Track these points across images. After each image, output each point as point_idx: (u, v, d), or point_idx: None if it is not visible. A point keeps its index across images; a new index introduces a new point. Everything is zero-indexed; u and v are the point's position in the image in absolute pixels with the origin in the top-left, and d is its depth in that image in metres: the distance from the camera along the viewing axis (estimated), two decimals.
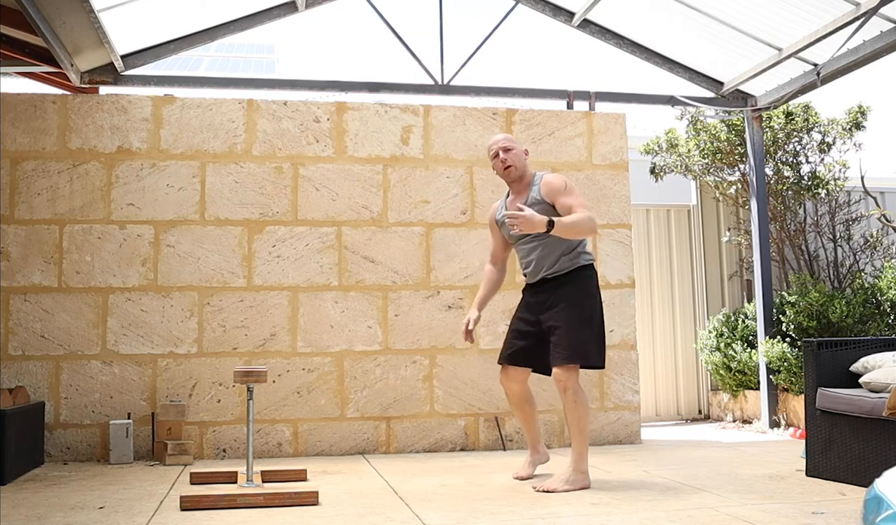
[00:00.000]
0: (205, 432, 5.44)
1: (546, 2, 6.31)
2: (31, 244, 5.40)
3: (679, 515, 3.37)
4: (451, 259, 5.86)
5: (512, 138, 4.37)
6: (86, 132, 5.55)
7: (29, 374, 5.31)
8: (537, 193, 4.19)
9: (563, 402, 4.08)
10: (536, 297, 4.25)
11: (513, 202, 4.27)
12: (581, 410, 4.03)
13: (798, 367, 6.12)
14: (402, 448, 5.65)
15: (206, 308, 5.53)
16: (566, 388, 4.02)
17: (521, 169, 4.31)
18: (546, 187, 4.17)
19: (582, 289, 4.16)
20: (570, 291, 4.14)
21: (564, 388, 4.02)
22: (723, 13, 5.83)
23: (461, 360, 5.79)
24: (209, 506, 3.64)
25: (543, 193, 4.17)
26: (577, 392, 4.03)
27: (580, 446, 4.04)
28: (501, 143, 4.32)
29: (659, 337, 7.60)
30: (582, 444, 4.04)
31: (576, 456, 4.04)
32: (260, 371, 3.99)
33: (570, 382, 4.02)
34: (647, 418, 7.25)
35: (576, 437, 4.05)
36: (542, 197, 4.17)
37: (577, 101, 6.36)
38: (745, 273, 7.65)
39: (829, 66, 5.85)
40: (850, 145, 7.18)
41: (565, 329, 4.06)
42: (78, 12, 4.74)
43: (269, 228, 5.66)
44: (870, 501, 2.03)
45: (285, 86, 6.22)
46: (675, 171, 7.43)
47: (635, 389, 6.01)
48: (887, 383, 3.92)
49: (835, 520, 3.24)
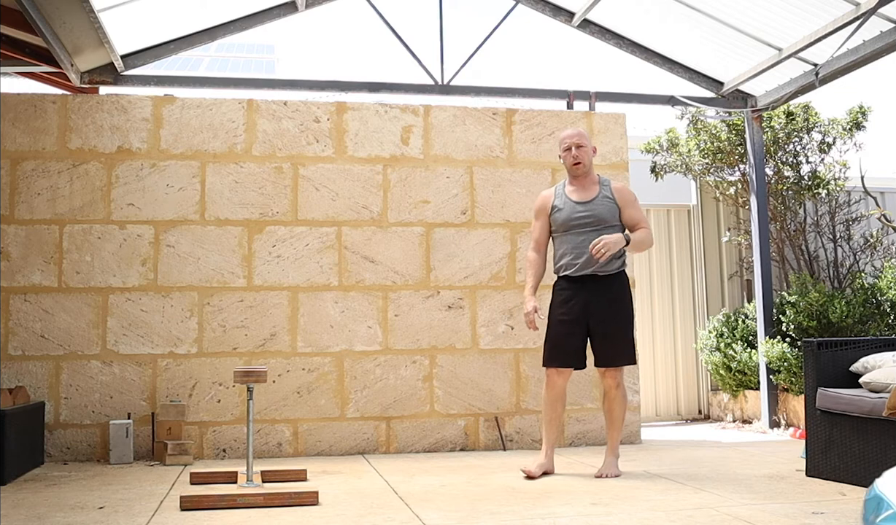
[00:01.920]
0: (205, 432, 5.44)
1: (546, 2, 6.31)
2: (31, 244, 5.40)
3: (679, 515, 3.37)
4: (451, 259, 5.86)
5: (585, 135, 4.61)
6: (86, 132, 5.55)
7: (29, 374, 5.31)
8: (609, 194, 4.54)
9: (612, 397, 4.47)
10: (581, 295, 4.45)
11: (574, 193, 4.56)
12: (626, 403, 4.56)
13: (798, 367, 6.12)
14: (402, 448, 5.65)
15: (206, 308, 5.53)
16: (619, 384, 4.46)
17: (589, 166, 4.60)
18: (620, 194, 4.54)
19: (628, 291, 4.54)
20: (621, 294, 4.49)
21: (618, 384, 4.45)
22: (723, 13, 5.83)
23: (461, 360, 5.79)
24: (209, 506, 3.64)
25: (617, 197, 4.53)
26: (625, 387, 4.54)
27: (620, 435, 4.54)
28: (576, 139, 4.55)
29: (659, 337, 7.60)
30: (621, 433, 4.57)
31: (616, 445, 4.50)
32: (260, 371, 3.99)
33: (622, 379, 4.49)
34: (647, 418, 7.25)
35: (619, 429, 4.51)
36: (613, 198, 4.52)
37: (577, 101, 6.36)
38: (745, 273, 7.65)
39: (828, 66, 5.85)
40: (851, 145, 7.18)
41: (622, 331, 4.47)
42: (78, 12, 4.74)
43: (269, 228, 5.66)
44: (870, 501, 2.03)
45: (285, 86, 6.22)
46: (676, 171, 7.43)
47: (635, 389, 6.01)
48: (887, 383, 3.92)
49: (835, 520, 3.24)
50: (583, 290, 4.43)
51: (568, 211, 4.51)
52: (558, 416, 4.53)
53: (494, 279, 5.87)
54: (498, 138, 6.02)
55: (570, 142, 4.54)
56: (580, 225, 4.47)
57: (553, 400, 4.50)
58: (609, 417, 4.49)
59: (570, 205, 4.52)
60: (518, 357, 5.82)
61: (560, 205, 4.56)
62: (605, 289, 4.42)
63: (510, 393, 5.81)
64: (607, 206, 4.48)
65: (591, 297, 4.41)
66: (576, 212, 4.48)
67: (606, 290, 4.42)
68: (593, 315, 4.41)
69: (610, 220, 4.46)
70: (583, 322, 4.42)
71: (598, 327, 4.41)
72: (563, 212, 4.52)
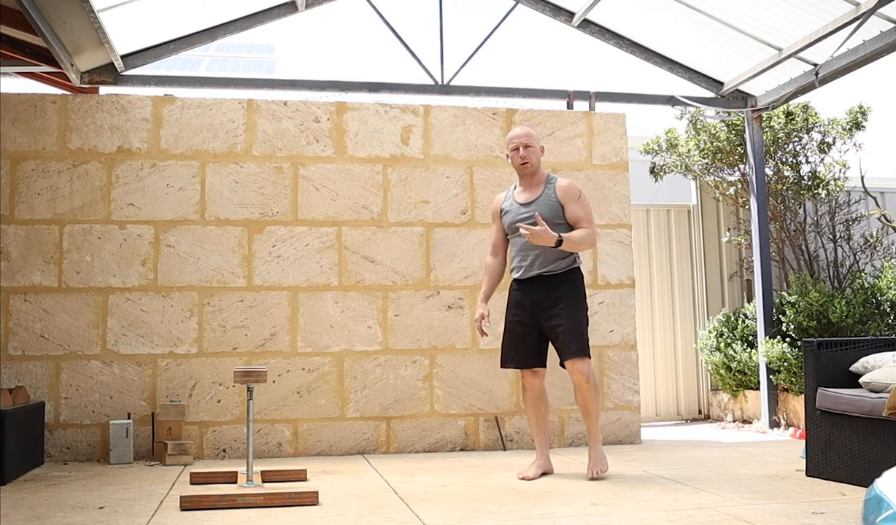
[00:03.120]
0: (205, 432, 5.44)
1: (546, 2, 6.31)
2: (31, 244, 5.40)
3: (679, 515, 3.37)
4: (451, 259, 5.86)
5: (533, 135, 4.56)
6: (86, 132, 5.55)
7: (29, 374, 5.31)
8: (552, 192, 4.47)
9: (583, 390, 4.36)
10: (530, 296, 4.47)
11: (521, 194, 4.55)
12: (598, 394, 4.41)
13: (798, 367, 6.12)
14: (402, 448, 5.65)
15: (206, 308, 5.53)
16: (588, 377, 4.35)
17: (536, 166, 4.55)
18: (563, 191, 4.46)
19: (577, 289, 4.48)
20: (568, 291, 4.44)
21: (587, 377, 4.34)
22: (723, 13, 5.83)
23: (461, 360, 5.79)
24: (209, 506, 3.64)
25: (560, 195, 4.45)
26: (595, 376, 4.40)
27: (597, 425, 4.41)
28: (523, 139, 4.52)
29: (659, 337, 7.60)
30: (598, 427, 4.42)
31: (596, 433, 4.40)
32: (260, 371, 3.99)
33: (589, 371, 4.35)
34: (647, 418, 7.25)
35: (595, 421, 4.39)
36: (557, 198, 4.45)
37: (577, 101, 6.36)
38: (745, 273, 7.65)
39: (828, 66, 5.85)
40: (850, 145, 7.18)
41: (571, 326, 4.37)
42: (78, 12, 4.74)
43: (269, 228, 5.66)
44: (870, 501, 2.03)
45: (285, 86, 6.22)
46: (675, 171, 7.43)
47: (635, 389, 6.01)
48: (887, 383, 3.92)
49: (835, 520, 3.24)
50: (532, 290, 4.45)
51: (513, 213, 4.51)
52: (543, 417, 4.53)
53: None
54: (498, 138, 6.02)
55: (517, 142, 4.51)
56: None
57: (532, 401, 4.51)
58: (584, 410, 4.41)
59: (515, 207, 4.52)
60: None
61: (507, 207, 4.57)
62: (553, 288, 4.40)
63: (510, 393, 5.81)
64: (549, 205, 4.43)
65: (539, 297, 4.42)
66: (520, 213, 4.47)
67: (554, 289, 4.40)
68: (543, 314, 4.41)
69: (552, 219, 4.38)
70: (534, 322, 4.44)
71: (549, 324, 4.39)
72: (509, 214, 4.54)
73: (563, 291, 4.41)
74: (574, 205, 4.43)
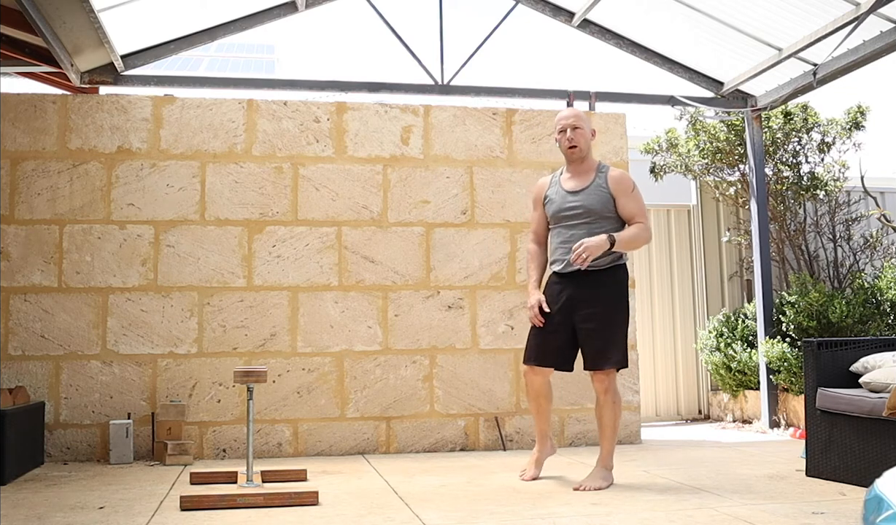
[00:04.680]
0: (205, 432, 5.44)
1: (546, 2, 6.31)
2: (31, 244, 5.40)
3: (679, 515, 3.37)
4: (451, 259, 5.86)
5: (583, 116, 4.23)
6: (86, 132, 5.55)
7: (29, 374, 5.31)
8: (604, 182, 4.14)
9: (601, 403, 4.12)
10: (569, 291, 4.13)
11: (568, 181, 4.24)
12: (618, 411, 4.14)
13: (798, 367, 6.12)
14: (402, 448, 5.65)
15: (206, 308, 5.53)
16: (608, 389, 4.09)
17: (586, 150, 4.21)
18: (615, 182, 4.13)
19: (620, 290, 4.14)
20: (610, 293, 4.11)
21: (607, 389, 4.08)
22: (723, 13, 5.83)
23: (461, 360, 5.79)
24: (209, 506, 3.64)
25: (612, 186, 4.12)
26: (617, 393, 4.14)
27: (612, 446, 4.14)
28: (571, 121, 4.19)
29: (659, 337, 7.60)
30: (613, 444, 4.16)
31: (607, 454, 4.13)
32: (260, 371, 3.99)
33: (612, 384, 4.10)
34: (647, 418, 7.25)
35: (610, 436, 4.13)
36: (608, 187, 4.13)
37: (577, 101, 6.36)
38: (745, 273, 7.65)
39: (828, 66, 5.85)
40: (850, 145, 7.18)
41: (608, 331, 4.07)
42: (78, 12, 4.74)
43: (269, 228, 5.66)
44: (870, 501, 2.03)
45: (285, 86, 6.22)
46: (675, 171, 7.43)
47: (635, 389, 6.01)
48: (887, 383, 3.92)
49: (835, 520, 3.24)
50: (571, 285, 4.11)
51: (559, 201, 4.19)
52: (545, 410, 4.28)
53: (494, 279, 5.87)
54: (498, 138, 6.02)
55: (564, 123, 4.18)
56: (569, 217, 4.15)
57: (535, 397, 4.27)
58: (599, 425, 4.15)
59: (561, 194, 4.19)
60: (518, 357, 5.81)
61: (552, 195, 4.25)
62: (595, 285, 4.07)
63: (510, 393, 5.81)
64: (600, 196, 4.10)
65: (578, 293, 4.08)
66: (566, 202, 4.15)
67: (596, 286, 4.07)
68: (579, 313, 4.08)
69: (601, 211, 4.08)
70: (568, 320, 4.11)
71: (583, 326, 4.07)
72: (554, 203, 4.21)
73: (605, 291, 4.08)
74: (626, 198, 4.09)
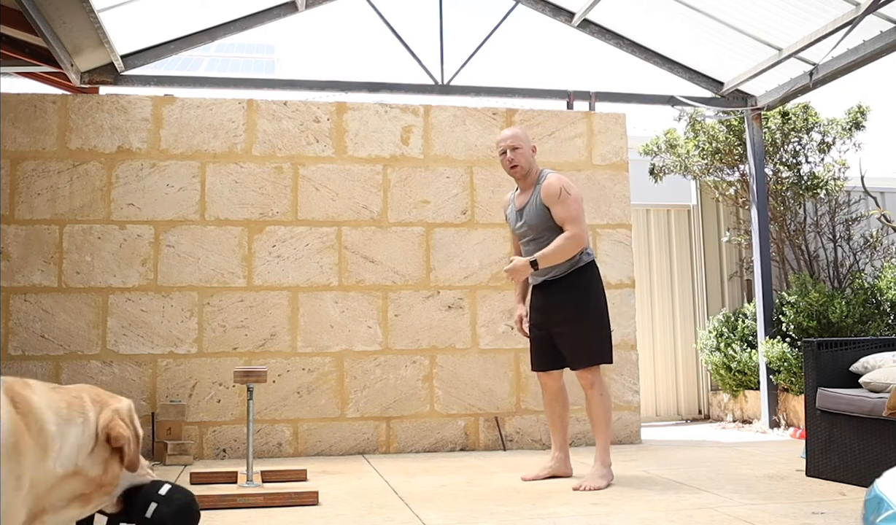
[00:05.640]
0: (205, 432, 5.44)
1: (546, 2, 6.31)
2: (31, 244, 5.40)
3: (679, 515, 3.37)
4: (451, 259, 5.86)
5: (520, 136, 4.31)
6: (86, 132, 5.55)
7: (29, 374, 5.30)
8: (538, 195, 4.24)
9: (588, 399, 4.22)
10: (543, 300, 4.33)
11: (518, 198, 4.38)
12: (606, 404, 4.21)
13: (798, 367, 6.12)
14: (402, 448, 5.65)
15: (206, 308, 5.53)
16: (593, 384, 4.19)
17: (527, 167, 4.30)
18: (545, 193, 4.20)
19: (586, 291, 4.23)
20: (576, 296, 4.22)
21: (591, 384, 4.19)
22: (723, 13, 5.83)
23: (461, 360, 5.79)
24: (209, 506, 3.64)
25: (543, 198, 4.21)
26: (603, 387, 4.23)
27: (605, 440, 4.19)
28: (509, 142, 4.28)
29: (659, 337, 7.60)
30: (607, 438, 4.20)
31: (603, 449, 4.17)
32: (260, 371, 3.99)
33: (596, 379, 4.19)
34: (647, 418, 7.25)
35: (602, 431, 4.19)
36: (541, 199, 4.22)
37: (577, 101, 6.36)
38: (745, 273, 7.65)
39: (828, 66, 5.85)
40: (850, 145, 7.18)
41: (580, 334, 4.20)
42: (78, 12, 4.74)
43: (269, 228, 5.66)
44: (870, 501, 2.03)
45: (285, 86, 6.22)
46: (675, 172, 7.43)
47: (635, 389, 6.01)
48: (887, 383, 3.92)
49: (835, 520, 3.24)
50: (546, 296, 4.29)
51: (512, 220, 4.40)
52: (559, 416, 4.41)
53: (494, 279, 5.87)
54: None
55: (504, 145, 4.29)
56: (521, 235, 4.34)
57: (549, 401, 4.43)
58: (591, 421, 4.25)
59: (514, 214, 4.38)
60: (518, 357, 5.82)
61: (509, 214, 4.45)
62: (561, 291, 4.22)
63: (510, 393, 5.81)
64: (537, 211, 4.21)
65: (549, 301, 4.28)
66: (516, 222, 4.35)
67: (563, 291, 4.22)
68: (552, 319, 4.27)
69: (542, 225, 4.20)
70: (546, 326, 4.30)
71: (556, 330, 4.25)
72: (510, 222, 4.44)
73: (570, 297, 4.21)
74: (556, 206, 4.15)
